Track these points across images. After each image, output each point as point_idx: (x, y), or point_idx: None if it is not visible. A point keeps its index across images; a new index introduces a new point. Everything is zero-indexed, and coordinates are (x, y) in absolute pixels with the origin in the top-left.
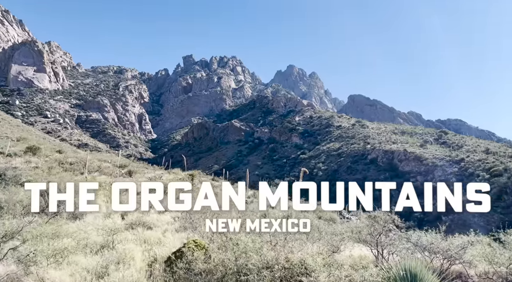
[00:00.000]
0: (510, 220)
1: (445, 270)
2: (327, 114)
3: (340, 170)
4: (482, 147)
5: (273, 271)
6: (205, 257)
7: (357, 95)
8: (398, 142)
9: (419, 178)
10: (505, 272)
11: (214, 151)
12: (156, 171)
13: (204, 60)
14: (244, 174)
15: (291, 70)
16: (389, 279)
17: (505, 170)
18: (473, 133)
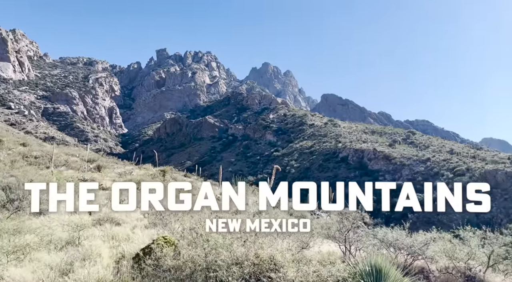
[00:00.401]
0: (470, 217)
1: (409, 265)
2: (300, 113)
3: (312, 168)
4: (447, 147)
5: (242, 267)
6: (174, 254)
7: (330, 95)
8: (368, 141)
9: (387, 177)
10: (464, 267)
11: (187, 147)
12: (126, 166)
13: (178, 54)
14: (218, 170)
15: (266, 67)
16: (355, 275)
17: (467, 169)
18: (439, 134)
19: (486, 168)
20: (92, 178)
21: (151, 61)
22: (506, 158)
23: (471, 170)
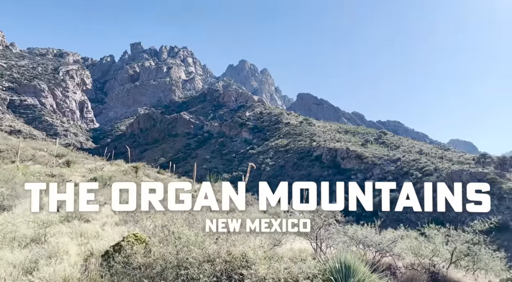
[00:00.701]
0: (437, 216)
1: (377, 262)
2: (276, 111)
3: (286, 166)
4: (416, 147)
5: (214, 265)
6: (145, 251)
7: (306, 94)
8: (342, 140)
9: (359, 175)
10: (428, 263)
11: (161, 143)
12: (97, 162)
13: (153, 48)
14: (192, 167)
15: (243, 65)
16: (325, 271)
17: (435, 169)
18: (409, 134)
19: (452, 168)
20: (60, 173)
21: (125, 55)
22: (471, 159)
23: (439, 170)
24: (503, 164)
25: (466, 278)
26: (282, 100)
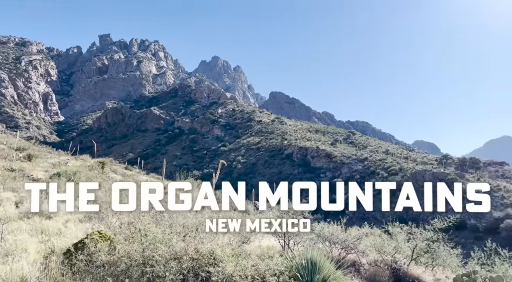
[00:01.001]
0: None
1: (342, 259)
2: (249, 109)
3: (258, 164)
4: (383, 148)
5: (181, 262)
6: (109, 249)
7: (278, 93)
8: (312, 139)
9: (328, 174)
10: (390, 260)
11: (129, 139)
12: (61, 156)
13: (123, 41)
14: (162, 164)
15: (216, 61)
16: (291, 268)
17: (400, 169)
18: (376, 135)
19: (416, 168)
20: (21, 167)
21: (93, 47)
22: (434, 160)
23: (404, 169)
24: (463, 165)
25: (425, 274)
26: (255, 98)
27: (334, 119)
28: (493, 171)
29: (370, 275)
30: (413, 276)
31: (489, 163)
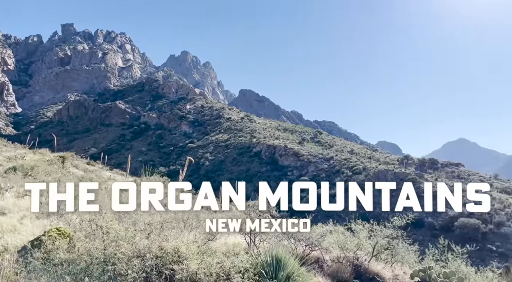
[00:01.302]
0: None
1: (306, 256)
2: (218, 106)
3: (226, 161)
4: (348, 147)
5: (144, 260)
6: (68, 246)
7: (248, 90)
8: (281, 138)
9: (295, 172)
10: (352, 256)
11: (92, 133)
12: (17, 150)
13: (87, 31)
14: (126, 159)
15: (185, 56)
16: (256, 265)
17: (364, 168)
18: (342, 135)
19: (379, 168)
20: None
21: (55, 36)
22: (396, 160)
23: (367, 169)
24: (422, 165)
25: (384, 270)
26: (224, 95)
27: (302, 118)
28: (449, 171)
29: (333, 271)
30: (373, 272)
31: (447, 164)
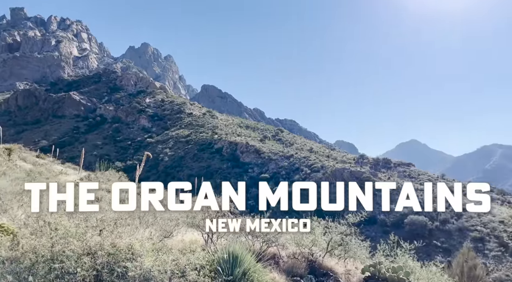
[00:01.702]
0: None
1: (263, 252)
2: (179, 100)
3: (186, 157)
4: (307, 146)
5: (95, 257)
6: (11, 244)
7: (210, 86)
8: (242, 135)
9: (256, 169)
10: (307, 252)
11: (43, 124)
12: None
13: (40, 17)
14: (79, 153)
15: (146, 48)
16: (213, 262)
17: (322, 167)
18: (302, 133)
19: (336, 166)
20: None
21: (3, 20)
22: (352, 159)
23: (325, 167)
24: (376, 164)
25: (337, 266)
26: (186, 90)
27: (264, 116)
28: (401, 171)
29: (288, 267)
30: (327, 267)
31: (399, 163)
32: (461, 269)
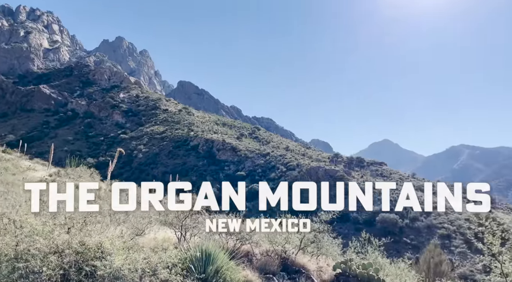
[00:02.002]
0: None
1: (237, 250)
2: (155, 96)
3: (161, 154)
4: (284, 144)
5: (62, 256)
6: None
7: (187, 82)
8: (219, 132)
9: (232, 167)
10: (280, 250)
11: (10, 118)
12: None
13: (7, 6)
14: (49, 148)
15: (120, 42)
16: (185, 260)
17: (297, 165)
18: (279, 132)
19: (311, 164)
20: None
21: None
22: (327, 158)
23: (300, 165)
24: (350, 163)
25: (310, 262)
26: (162, 86)
27: (241, 114)
28: (374, 169)
29: (261, 264)
30: (299, 264)
31: (372, 162)
32: (427, 265)
